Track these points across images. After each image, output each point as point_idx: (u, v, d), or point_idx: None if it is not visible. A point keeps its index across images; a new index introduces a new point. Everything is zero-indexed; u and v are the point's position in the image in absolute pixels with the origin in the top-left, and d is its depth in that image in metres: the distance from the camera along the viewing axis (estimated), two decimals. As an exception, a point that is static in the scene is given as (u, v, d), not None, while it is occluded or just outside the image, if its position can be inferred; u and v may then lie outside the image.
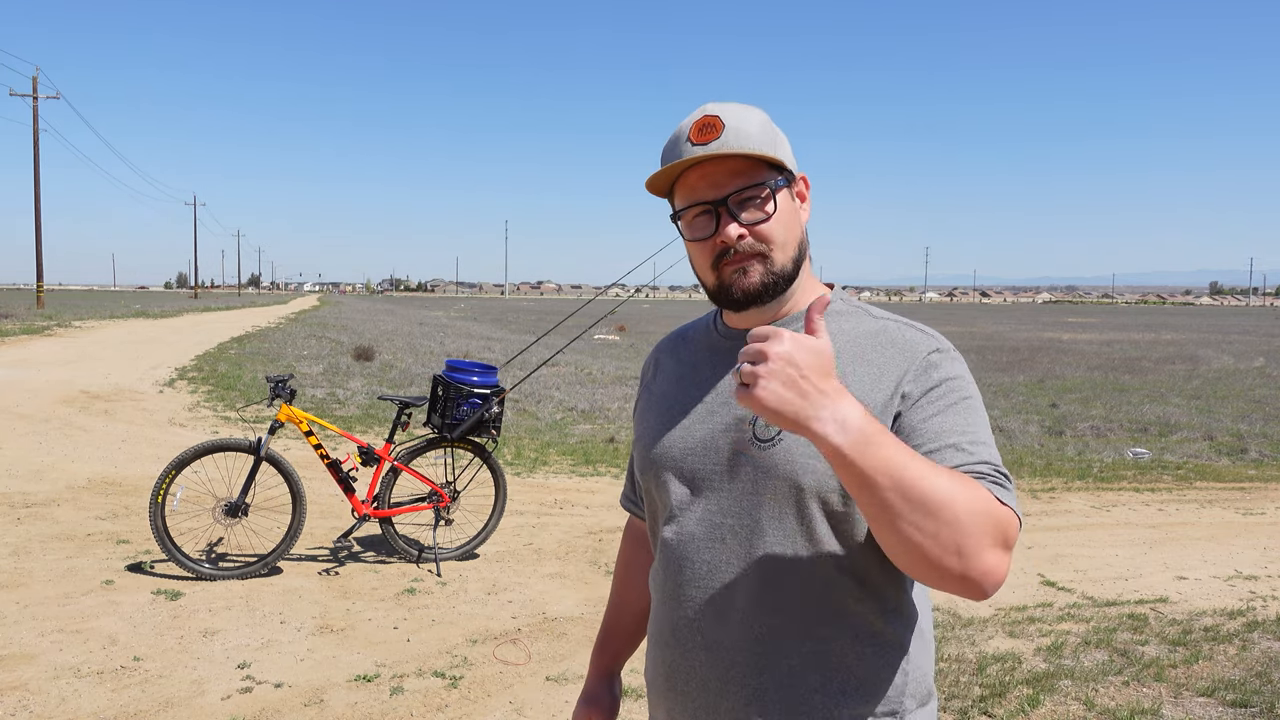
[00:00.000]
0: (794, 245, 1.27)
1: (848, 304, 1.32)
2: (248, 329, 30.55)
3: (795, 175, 1.29)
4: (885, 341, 1.25)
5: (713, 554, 1.26)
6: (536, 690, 3.75)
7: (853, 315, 1.30)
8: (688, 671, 1.28)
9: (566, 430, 10.49)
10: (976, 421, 1.18)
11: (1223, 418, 12.29)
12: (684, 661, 1.28)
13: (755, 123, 1.24)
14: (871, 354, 1.24)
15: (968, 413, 1.18)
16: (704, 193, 1.24)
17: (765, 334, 1.02)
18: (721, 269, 1.25)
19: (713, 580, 1.25)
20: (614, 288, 4.63)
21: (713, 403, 1.31)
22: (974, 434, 1.16)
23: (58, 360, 16.89)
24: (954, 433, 1.15)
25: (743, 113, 1.25)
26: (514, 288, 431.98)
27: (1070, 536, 6.34)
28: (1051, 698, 3.71)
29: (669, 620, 1.31)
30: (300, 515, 5.05)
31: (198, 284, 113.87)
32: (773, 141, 1.25)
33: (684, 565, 1.28)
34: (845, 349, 1.25)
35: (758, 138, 1.23)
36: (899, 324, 1.28)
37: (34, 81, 41.61)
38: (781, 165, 1.26)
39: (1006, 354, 23.97)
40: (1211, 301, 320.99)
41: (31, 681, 3.68)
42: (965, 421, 1.17)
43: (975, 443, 1.15)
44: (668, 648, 1.31)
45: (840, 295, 1.34)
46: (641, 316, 54.57)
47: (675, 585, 1.30)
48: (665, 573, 1.32)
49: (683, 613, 1.28)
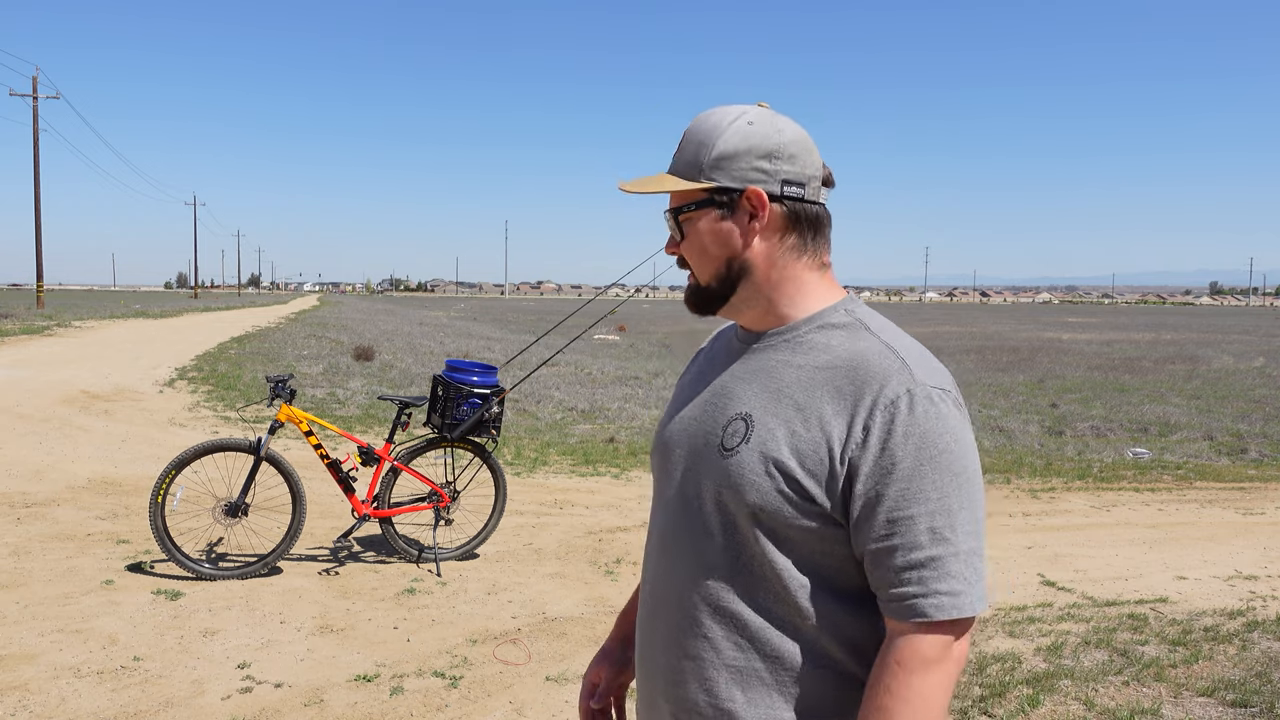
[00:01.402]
0: (714, 263, 1.29)
1: (849, 316, 1.28)
2: (248, 329, 30.54)
3: (741, 191, 1.26)
4: (860, 366, 1.20)
5: (673, 546, 1.30)
6: (536, 690, 3.75)
7: (847, 331, 1.26)
8: (650, 655, 1.33)
9: (566, 430, 10.49)
10: (938, 491, 1.13)
11: (1223, 418, 12.29)
12: (648, 644, 1.34)
13: (694, 143, 1.28)
14: (840, 377, 1.20)
15: (931, 481, 1.13)
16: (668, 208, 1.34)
17: None
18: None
19: (668, 581, 1.30)
20: (614, 288, 4.65)
21: (708, 400, 1.33)
22: (927, 520, 1.12)
23: (58, 360, 16.89)
24: (903, 522, 1.12)
25: (704, 127, 1.28)
26: (514, 288, 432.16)
27: (1070, 536, 6.34)
28: (1051, 698, 3.71)
29: (642, 604, 1.37)
30: (300, 515, 5.05)
31: (198, 284, 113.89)
32: (698, 165, 1.26)
33: (650, 553, 1.35)
34: (823, 363, 1.23)
35: (685, 162, 1.28)
36: (884, 350, 1.21)
37: (34, 81, 41.62)
38: (712, 187, 1.27)
39: (1006, 354, 23.97)
40: (1211, 301, 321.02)
41: (31, 681, 3.68)
42: (920, 496, 1.13)
43: (917, 538, 1.12)
44: (640, 630, 1.37)
45: (845, 306, 1.29)
46: (641, 316, 54.57)
47: (647, 578, 1.36)
48: (647, 561, 1.38)
49: (648, 595, 1.35)
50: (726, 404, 1.29)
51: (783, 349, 1.28)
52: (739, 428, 1.24)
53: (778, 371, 1.26)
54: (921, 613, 1.11)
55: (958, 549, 1.12)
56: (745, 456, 1.21)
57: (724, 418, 1.27)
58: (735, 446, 1.23)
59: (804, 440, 1.18)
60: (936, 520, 1.12)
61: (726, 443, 1.24)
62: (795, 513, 1.17)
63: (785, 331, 1.29)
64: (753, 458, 1.20)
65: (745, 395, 1.27)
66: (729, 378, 1.32)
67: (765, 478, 1.18)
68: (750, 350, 1.33)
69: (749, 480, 1.19)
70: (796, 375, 1.24)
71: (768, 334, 1.31)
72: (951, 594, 1.11)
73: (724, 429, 1.26)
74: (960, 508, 1.14)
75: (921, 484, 1.13)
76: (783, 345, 1.29)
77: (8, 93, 42.80)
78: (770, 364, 1.28)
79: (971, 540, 1.14)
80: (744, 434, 1.23)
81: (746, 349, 1.34)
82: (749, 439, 1.22)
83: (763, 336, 1.32)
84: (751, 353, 1.32)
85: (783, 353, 1.28)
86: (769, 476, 1.18)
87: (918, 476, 1.13)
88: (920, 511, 1.12)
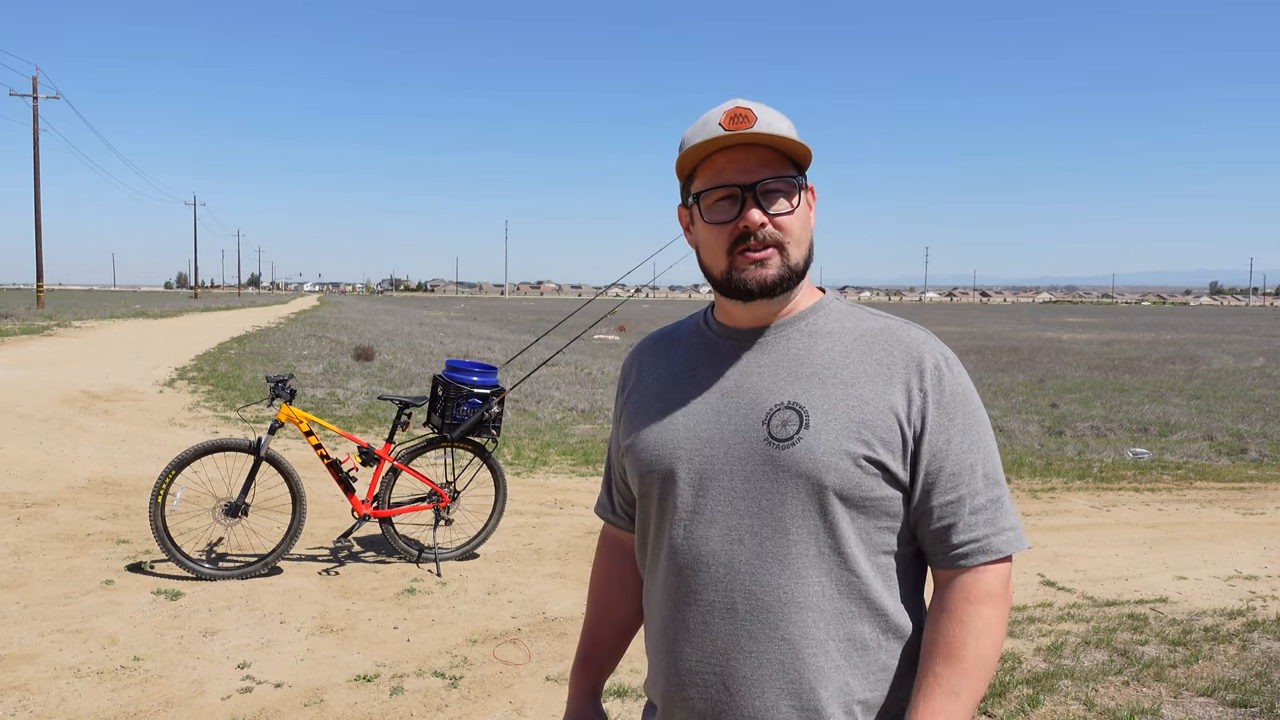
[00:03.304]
0: (807, 243, 1.30)
1: (842, 303, 1.36)
2: (248, 329, 30.54)
3: (807, 183, 1.32)
4: (890, 339, 1.28)
5: (730, 555, 1.24)
6: (536, 690, 3.75)
7: (853, 313, 1.34)
8: (705, 677, 1.26)
9: (566, 430, 10.49)
10: (983, 441, 1.27)
11: (1223, 418, 12.29)
12: (701, 666, 1.26)
13: (785, 122, 1.28)
14: (878, 350, 1.27)
15: (977, 433, 1.27)
16: (732, 176, 1.24)
17: None
18: (736, 257, 1.26)
19: (732, 581, 1.24)
20: (614, 288, 4.65)
21: (717, 402, 1.29)
22: (982, 467, 1.26)
23: (58, 360, 16.89)
24: (965, 472, 1.24)
25: (773, 112, 1.29)
26: (514, 288, 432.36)
27: (1070, 536, 6.34)
28: (1051, 698, 3.71)
29: (679, 624, 1.28)
30: (300, 515, 5.05)
31: (198, 284, 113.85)
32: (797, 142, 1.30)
33: (699, 568, 1.26)
34: (852, 343, 1.28)
35: (788, 135, 1.26)
36: (902, 323, 1.31)
37: (34, 81, 41.61)
38: (801, 168, 1.30)
39: (1006, 354, 23.97)
40: (1211, 301, 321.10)
41: (31, 681, 3.68)
42: (974, 446, 1.26)
43: (977, 484, 1.25)
44: (678, 655, 1.28)
45: (836, 297, 1.37)
46: (641, 316, 54.56)
47: (688, 589, 1.27)
48: (676, 577, 1.28)
49: (698, 616, 1.26)
50: (756, 398, 1.27)
51: (797, 337, 1.30)
52: (788, 417, 1.23)
53: (806, 357, 1.28)
54: (997, 550, 1.23)
55: (1004, 490, 1.27)
56: (813, 442, 1.22)
57: (761, 411, 1.25)
58: (794, 435, 1.22)
59: (869, 413, 1.22)
60: (988, 466, 1.26)
61: (778, 434, 1.23)
62: (875, 486, 1.22)
63: (795, 320, 1.31)
64: (820, 441, 1.21)
65: (777, 385, 1.26)
66: (741, 372, 1.29)
67: (843, 457, 1.20)
68: (747, 345, 1.31)
69: (824, 463, 1.21)
70: (829, 357, 1.27)
71: (774, 325, 1.31)
72: (1013, 529, 1.25)
73: (767, 422, 1.24)
74: (995, 453, 1.29)
75: (971, 436, 1.25)
76: (795, 334, 1.30)
77: (8, 93, 42.81)
78: (794, 351, 1.29)
79: (1004, 482, 1.29)
80: (801, 421, 1.23)
81: (740, 344, 1.32)
82: (809, 424, 1.22)
83: (768, 328, 1.31)
84: (760, 345, 1.31)
85: (801, 339, 1.30)
86: (846, 455, 1.21)
87: (969, 430, 1.26)
88: (977, 460, 1.25)
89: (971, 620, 1.21)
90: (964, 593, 1.22)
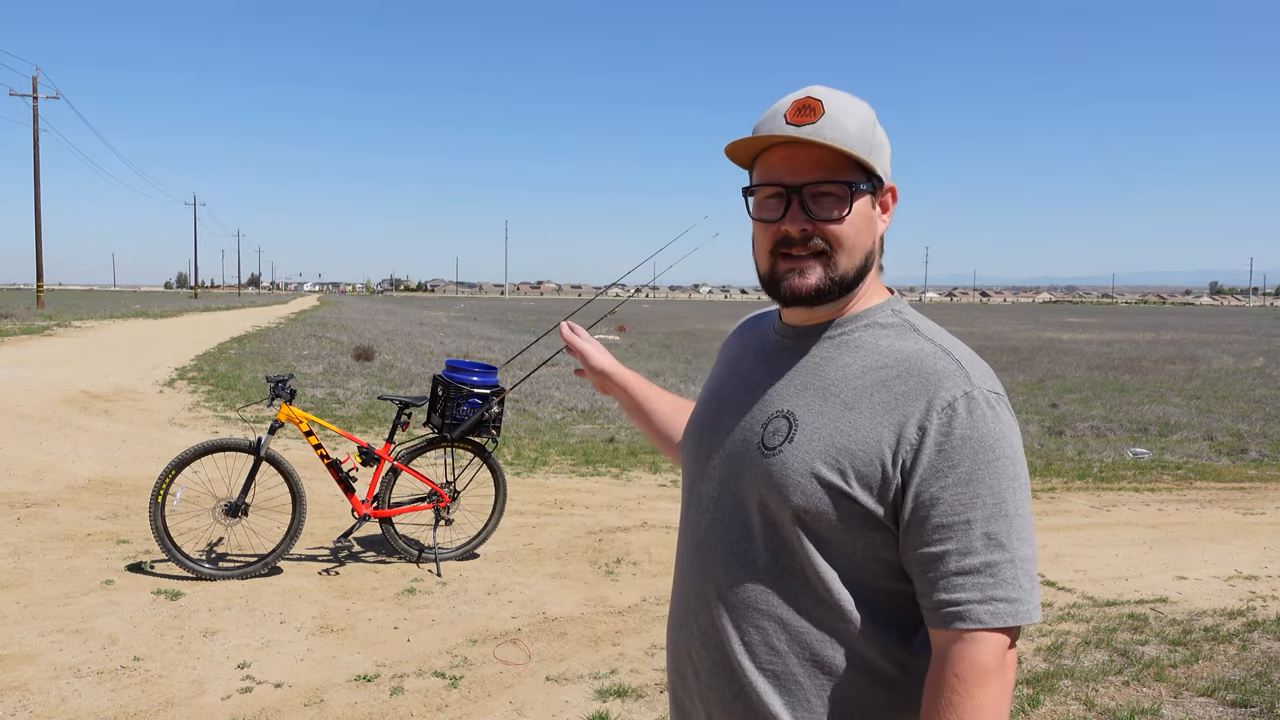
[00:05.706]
0: (861, 253, 1.21)
1: (897, 317, 1.24)
2: (248, 329, 30.53)
3: (884, 184, 1.23)
4: (914, 368, 1.16)
5: (710, 547, 1.25)
6: (536, 690, 3.75)
7: (894, 331, 1.22)
8: (685, 656, 1.29)
9: (566, 430, 10.49)
10: (994, 498, 1.10)
11: (1223, 418, 12.29)
12: (683, 645, 1.29)
13: (857, 119, 1.19)
14: (896, 377, 1.16)
15: (987, 487, 1.10)
16: (782, 175, 1.19)
17: None
18: (777, 260, 1.21)
19: (710, 575, 1.25)
20: (614, 288, 4.67)
21: (744, 397, 1.28)
22: (983, 525, 1.09)
23: (58, 360, 16.89)
24: (958, 527, 1.09)
25: (847, 104, 1.19)
26: (514, 288, 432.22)
27: (1070, 536, 6.34)
28: (1051, 698, 3.71)
29: (675, 603, 1.33)
30: (300, 515, 5.05)
31: (198, 284, 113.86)
32: (868, 143, 1.19)
33: (690, 554, 1.30)
34: (875, 363, 1.19)
35: (854, 134, 1.18)
36: (938, 352, 1.17)
37: (34, 81, 41.61)
38: (870, 170, 1.20)
39: (1006, 354, 23.97)
40: (1211, 301, 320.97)
41: (31, 681, 3.68)
42: (977, 501, 1.09)
43: (972, 543, 1.09)
44: (673, 630, 1.33)
45: (892, 306, 1.26)
46: (641, 316, 54.55)
47: (682, 574, 1.31)
48: (681, 558, 1.33)
49: (683, 596, 1.30)
50: (766, 401, 1.24)
51: (827, 346, 1.23)
52: (780, 426, 1.19)
53: (823, 369, 1.21)
54: (978, 619, 1.07)
55: (1014, 555, 1.09)
56: (789, 457, 1.16)
57: (764, 415, 1.23)
58: (778, 446, 1.18)
59: (854, 441, 1.13)
60: (993, 525, 1.09)
61: (768, 442, 1.19)
62: (841, 515, 1.13)
63: (830, 328, 1.24)
64: (797, 458, 1.15)
65: (786, 392, 1.22)
66: (767, 373, 1.27)
67: (810, 479, 1.14)
68: (791, 345, 1.27)
69: (792, 482, 1.15)
70: (843, 373, 1.19)
71: (812, 329, 1.25)
72: (1008, 600, 1.08)
73: (764, 427, 1.21)
74: (1016, 513, 1.10)
75: (979, 488, 1.09)
76: (827, 342, 1.23)
77: (8, 93, 42.79)
78: (815, 361, 1.23)
79: (1026, 547, 1.11)
80: (787, 433, 1.18)
81: (787, 343, 1.28)
82: (792, 438, 1.17)
83: (806, 332, 1.26)
84: (792, 348, 1.26)
85: (827, 349, 1.23)
86: (814, 478, 1.14)
87: (975, 480, 1.09)
88: (978, 516, 1.09)
89: (962, 703, 1.06)
90: (953, 666, 1.09)
